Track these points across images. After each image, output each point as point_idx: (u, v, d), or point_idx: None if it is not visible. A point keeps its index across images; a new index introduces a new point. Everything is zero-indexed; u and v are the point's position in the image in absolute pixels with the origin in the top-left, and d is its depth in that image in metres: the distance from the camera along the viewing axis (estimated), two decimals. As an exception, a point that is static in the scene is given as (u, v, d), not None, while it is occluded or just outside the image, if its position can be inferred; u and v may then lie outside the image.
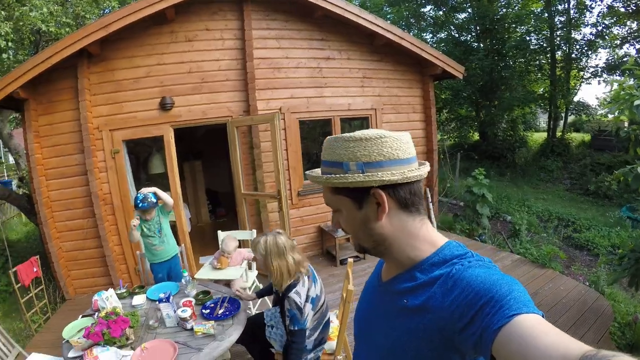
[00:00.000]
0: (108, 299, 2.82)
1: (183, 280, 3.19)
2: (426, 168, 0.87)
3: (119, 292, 3.13)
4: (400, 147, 0.83)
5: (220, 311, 2.74)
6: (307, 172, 0.94)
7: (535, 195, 11.91)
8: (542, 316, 0.63)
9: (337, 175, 0.83)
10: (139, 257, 4.08)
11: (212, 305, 2.85)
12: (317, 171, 0.93)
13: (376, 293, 1.00)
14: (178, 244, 4.16)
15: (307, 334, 2.43)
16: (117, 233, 5.08)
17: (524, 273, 5.15)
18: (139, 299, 3.01)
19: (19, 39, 7.09)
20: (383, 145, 0.82)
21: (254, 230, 4.41)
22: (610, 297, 4.72)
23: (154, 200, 3.67)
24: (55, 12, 6.96)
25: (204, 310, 2.77)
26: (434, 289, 0.77)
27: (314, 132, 6.52)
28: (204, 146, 9.03)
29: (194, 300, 2.84)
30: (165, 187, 5.51)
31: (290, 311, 2.35)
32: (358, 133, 0.84)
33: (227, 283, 3.79)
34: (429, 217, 6.78)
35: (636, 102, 3.00)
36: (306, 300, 2.37)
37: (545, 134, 17.32)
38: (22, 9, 6.34)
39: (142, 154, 7.30)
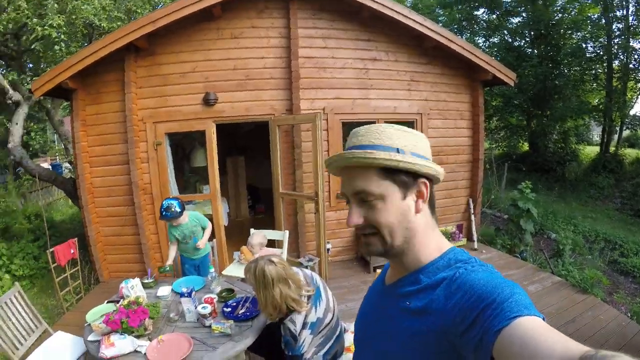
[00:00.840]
0: (133, 288, 2.87)
1: (209, 276, 3.19)
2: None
3: (145, 281, 3.18)
4: (429, 148, 0.89)
5: (241, 311, 2.72)
6: (340, 153, 0.85)
7: (583, 213, 11.28)
8: (543, 319, 0.63)
9: (400, 156, 0.81)
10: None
11: (234, 304, 2.83)
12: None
13: (379, 296, 1.00)
14: (211, 238, 4.19)
15: (314, 350, 2.31)
16: (154, 222, 5.19)
17: (564, 297, 4.82)
18: (164, 290, 3.04)
19: (72, 32, 7.35)
20: (426, 144, 0.88)
21: (287, 232, 4.36)
22: None
23: (179, 210, 3.65)
24: (107, 6, 7.18)
25: (225, 309, 2.76)
26: (437, 292, 0.78)
27: (357, 133, 6.40)
28: (249, 142, 9.14)
29: (216, 298, 2.85)
30: (206, 181, 5.59)
31: (285, 337, 2.25)
32: (403, 126, 0.87)
33: None
34: (470, 229, 6.53)
35: None
36: (303, 327, 2.24)
37: (597, 148, 16.43)
38: (75, 2, 6.56)
39: (187, 147, 7.47)
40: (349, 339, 2.67)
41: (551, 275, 5.56)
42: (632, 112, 15.80)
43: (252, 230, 4.34)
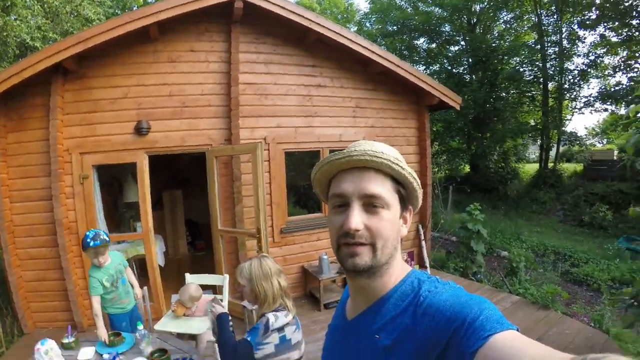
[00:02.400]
0: (47, 353, 2.43)
1: (138, 334, 2.73)
2: None
3: (65, 341, 2.71)
4: None
5: None
6: (380, 149, 0.81)
7: (529, 228, 11.72)
8: (517, 330, 0.62)
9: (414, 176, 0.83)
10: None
11: None
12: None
13: (343, 334, 0.92)
14: (147, 282, 3.75)
15: None
16: (81, 265, 4.61)
17: (526, 316, 4.83)
18: (86, 353, 2.60)
19: (3, 51, 6.76)
20: None
21: (227, 276, 3.94)
22: (617, 337, 4.49)
23: (107, 238, 3.19)
24: (43, 26, 6.65)
25: None
26: (406, 321, 0.75)
27: (301, 163, 6.15)
28: (187, 174, 8.67)
29: None
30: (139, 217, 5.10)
31: (258, 324, 2.13)
32: None
33: (192, 336, 3.38)
34: (421, 256, 6.40)
35: None
36: (278, 330, 2.09)
37: (537, 165, 17.32)
38: (7, 18, 6.00)
39: (123, 179, 6.88)
40: None
41: (509, 295, 5.60)
42: (567, 129, 16.86)
43: (187, 278, 3.91)
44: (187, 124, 4.87)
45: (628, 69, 14.69)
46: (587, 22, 14.68)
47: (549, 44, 15.79)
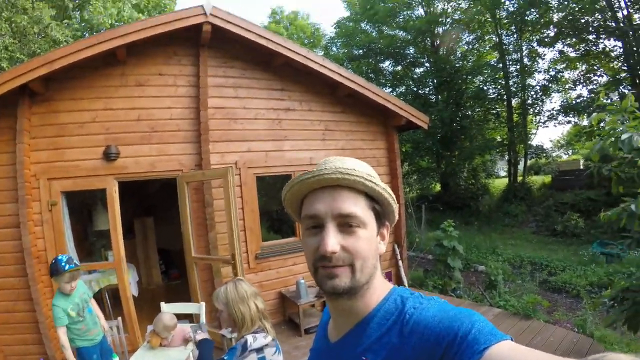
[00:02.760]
0: None
1: None
2: None
3: None
4: None
5: None
6: (352, 166, 0.78)
7: (503, 242, 11.94)
8: (511, 340, 0.61)
9: (389, 193, 0.80)
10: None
11: None
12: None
13: (327, 357, 0.88)
14: (121, 313, 3.62)
15: None
16: (52, 296, 4.27)
17: (509, 327, 4.88)
18: None
19: None
20: None
21: (203, 304, 3.83)
22: (601, 340, 4.62)
23: (78, 263, 3.11)
24: (10, 46, 6.49)
25: None
26: (392, 340, 0.72)
27: (273, 188, 6.13)
28: (158, 201, 8.43)
29: None
30: (111, 245, 4.93)
31: (236, 345, 2.10)
32: None
33: None
34: (399, 275, 6.40)
35: (623, 136, 2.82)
36: (257, 351, 2.07)
37: (506, 180, 17.83)
38: None
39: (92, 207, 6.65)
40: None
41: (491, 308, 5.65)
42: (533, 143, 17.50)
43: (162, 307, 3.77)
44: (156, 149, 4.78)
45: (587, 81, 15.55)
46: (546, 40, 15.55)
47: (511, 62, 16.57)
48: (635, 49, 13.21)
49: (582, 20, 14.20)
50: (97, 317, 3.36)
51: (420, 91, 18.35)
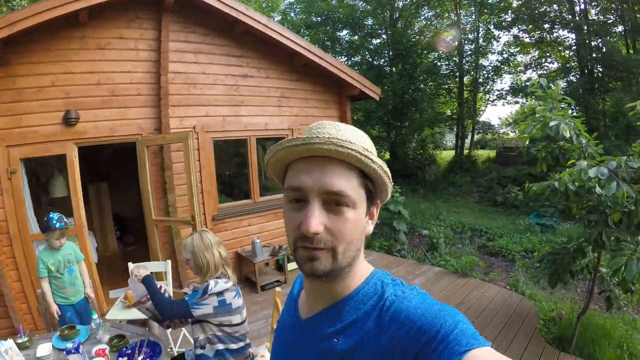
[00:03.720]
0: (8, 353, 2.36)
1: (93, 324, 2.77)
2: None
3: (20, 341, 2.64)
4: None
5: (140, 358, 2.43)
6: (348, 137, 0.68)
7: (447, 209, 12.66)
8: (491, 346, 0.58)
9: (385, 166, 0.70)
10: (40, 297, 3.43)
11: (129, 351, 2.51)
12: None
13: (295, 334, 0.83)
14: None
15: (206, 338, 2.30)
16: (15, 267, 4.29)
17: (448, 284, 5.37)
18: (44, 349, 2.53)
19: None
20: None
21: (169, 261, 4.00)
22: (531, 297, 5.10)
23: (67, 222, 3.23)
24: None
25: (120, 359, 2.44)
26: (369, 326, 0.68)
27: (226, 152, 6.27)
28: (110, 167, 8.29)
29: (107, 348, 2.51)
30: (69, 213, 4.89)
31: (198, 289, 2.30)
32: None
33: (144, 322, 3.42)
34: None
35: (551, 123, 3.25)
36: (217, 294, 2.25)
37: (453, 152, 18.73)
38: None
39: (42, 175, 6.46)
40: None
41: (432, 267, 6.16)
42: (481, 119, 18.43)
43: (130, 266, 3.90)
44: (116, 113, 4.73)
45: (538, 66, 16.52)
46: (503, 24, 16.20)
47: (466, 42, 17.12)
48: (587, 41, 14.15)
49: (541, 9, 14.92)
50: (82, 281, 3.49)
51: (375, 62, 18.56)
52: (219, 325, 2.31)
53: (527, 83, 15.97)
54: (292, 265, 5.88)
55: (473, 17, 17.13)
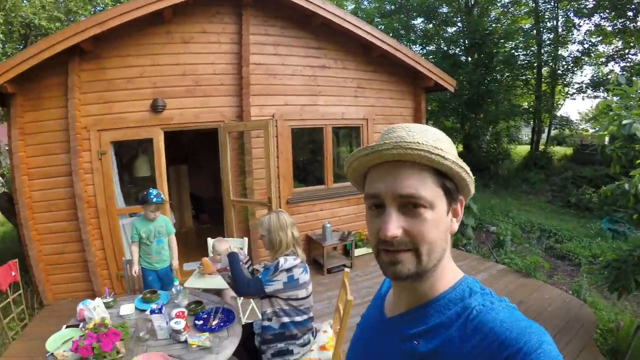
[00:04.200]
0: (95, 309, 2.63)
1: (174, 290, 3.06)
2: None
3: (105, 300, 2.95)
4: None
5: (215, 322, 2.65)
6: (406, 139, 0.69)
7: (517, 207, 12.10)
8: None
9: (462, 162, 0.69)
10: (124, 264, 3.91)
11: (205, 316, 2.76)
12: None
13: (378, 331, 0.84)
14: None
15: (273, 312, 2.50)
16: (100, 237, 4.88)
17: (510, 282, 5.28)
18: (127, 309, 2.85)
19: (9, 32, 6.91)
20: None
21: (246, 239, 4.34)
22: (592, 305, 4.89)
23: (164, 198, 3.69)
24: (47, 5, 6.81)
25: (197, 322, 2.68)
26: (451, 332, 0.67)
27: (300, 140, 6.51)
28: (190, 150, 8.91)
29: (186, 311, 2.73)
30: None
31: (270, 266, 2.48)
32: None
33: (218, 292, 3.70)
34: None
35: (624, 122, 3.10)
36: (286, 271, 2.44)
37: (528, 147, 17.71)
38: None
39: (124, 156, 7.11)
40: (322, 339, 2.79)
41: (495, 264, 6.07)
42: (559, 114, 17.23)
43: (210, 241, 4.27)
44: (200, 101, 5.13)
45: (621, 58, 15.00)
46: (584, 11, 14.86)
47: (545, 30, 15.97)
48: None
49: None
50: (169, 252, 3.90)
51: (450, 51, 17.80)
52: (286, 300, 2.49)
53: (609, 76, 14.70)
54: (358, 251, 6.05)
55: (552, 3, 15.90)
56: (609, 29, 14.86)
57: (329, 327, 2.99)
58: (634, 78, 3.55)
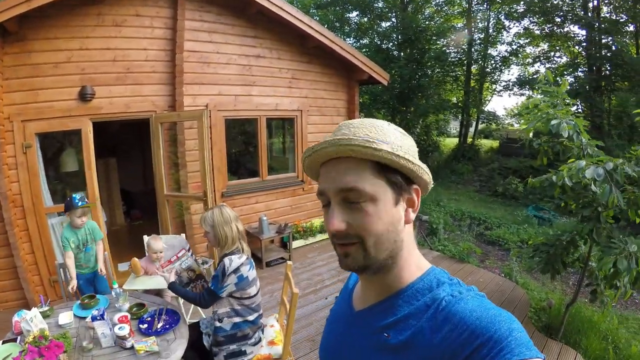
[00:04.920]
0: (32, 320, 2.39)
1: (113, 293, 2.86)
2: None
3: (41, 309, 2.69)
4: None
5: (160, 325, 2.53)
6: (343, 136, 0.69)
7: (448, 197, 12.72)
8: (544, 359, 0.56)
9: (403, 152, 0.67)
10: (57, 267, 3.58)
11: (149, 318, 2.62)
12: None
13: (348, 325, 0.84)
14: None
15: (227, 312, 2.49)
16: (28, 240, 4.39)
17: (445, 268, 5.30)
18: (65, 317, 2.63)
19: None
20: (416, 150, 0.75)
21: (183, 235, 4.17)
22: (524, 286, 5.29)
23: (88, 202, 3.39)
24: None
25: (141, 325, 2.53)
26: (421, 324, 0.67)
27: (232, 131, 6.38)
28: (118, 142, 8.33)
29: (129, 315, 2.59)
30: (79, 187, 4.98)
31: (216, 272, 2.45)
32: (399, 128, 0.75)
33: (158, 292, 3.55)
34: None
35: (553, 121, 3.36)
36: (234, 272, 2.40)
37: (456, 140, 18.76)
38: None
39: (49, 150, 6.50)
40: (269, 334, 2.83)
41: (430, 251, 6.37)
42: (486, 109, 18.42)
43: (145, 238, 4.04)
44: (131, 90, 4.80)
45: (547, 59, 16.37)
46: (515, 14, 16.02)
47: (476, 30, 16.97)
48: (597, 39, 14.07)
49: (554, 2, 14.76)
50: (96, 259, 3.64)
51: (383, 45, 18.33)
52: (239, 299, 2.47)
53: (535, 75, 15.78)
54: (296, 243, 6.07)
55: (485, 5, 16.92)
56: (537, 32, 16.14)
57: (275, 321, 3.00)
58: (558, 79, 3.85)
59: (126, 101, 4.79)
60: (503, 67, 17.13)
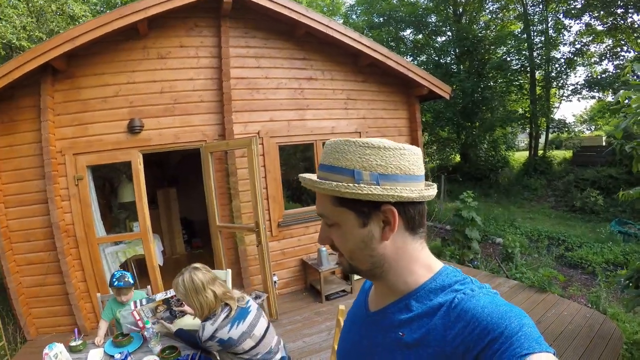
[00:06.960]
0: (57, 357, 2.38)
1: (146, 333, 2.70)
2: (435, 189, 0.79)
3: (73, 344, 2.67)
4: (416, 162, 0.76)
5: None
6: (301, 175, 0.83)
7: (521, 215, 11.86)
8: (554, 354, 0.58)
9: (348, 185, 0.71)
10: (99, 300, 3.57)
11: None
12: (313, 176, 0.81)
13: (364, 325, 0.88)
14: (147, 282, 3.71)
15: None
16: (80, 268, 4.55)
17: (524, 299, 4.93)
18: (95, 355, 2.54)
19: None
20: (402, 158, 0.74)
21: (229, 270, 3.92)
22: (614, 316, 4.62)
23: (131, 282, 3.20)
24: (28, 25, 6.56)
25: None
26: (435, 321, 0.70)
27: (294, 157, 6.16)
28: (179, 172, 8.56)
29: (157, 359, 2.43)
30: (137, 216, 5.04)
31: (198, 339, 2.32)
32: (374, 140, 0.75)
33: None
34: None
35: None
36: (210, 339, 2.22)
37: (526, 153, 17.57)
38: None
39: (115, 181, 6.81)
40: None
41: (507, 280, 5.69)
42: (555, 117, 17.05)
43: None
44: (179, 120, 4.81)
45: (614, 56, 14.93)
46: (573, 12, 14.87)
47: (535, 33, 15.94)
48: None
49: None
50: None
51: (441, 60, 17.86)
52: (235, 354, 2.28)
53: (603, 75, 14.69)
54: (358, 275, 5.64)
55: (540, 6, 15.87)
56: (600, 27, 14.82)
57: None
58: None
59: (175, 132, 4.79)
60: (569, 70, 15.84)
